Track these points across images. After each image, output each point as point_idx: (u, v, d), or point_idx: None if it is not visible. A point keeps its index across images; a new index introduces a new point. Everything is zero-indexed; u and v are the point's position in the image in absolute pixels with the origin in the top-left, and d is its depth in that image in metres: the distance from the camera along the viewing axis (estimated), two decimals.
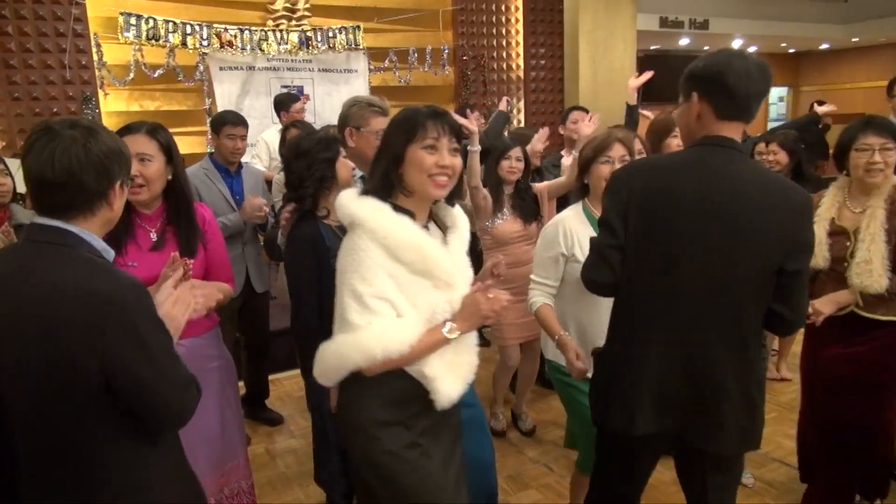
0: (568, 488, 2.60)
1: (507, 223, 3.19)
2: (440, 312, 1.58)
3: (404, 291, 1.54)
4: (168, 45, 5.41)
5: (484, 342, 4.66)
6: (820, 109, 4.73)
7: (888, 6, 10.68)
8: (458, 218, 1.73)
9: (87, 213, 1.33)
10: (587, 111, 4.10)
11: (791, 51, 13.86)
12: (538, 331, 2.80)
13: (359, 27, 6.18)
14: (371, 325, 1.50)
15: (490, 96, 6.98)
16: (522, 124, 7.15)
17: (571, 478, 2.55)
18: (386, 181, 1.59)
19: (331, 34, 6.08)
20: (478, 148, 3.02)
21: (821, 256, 2.37)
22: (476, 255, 2.78)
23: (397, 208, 1.59)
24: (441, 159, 1.56)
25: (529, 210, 3.21)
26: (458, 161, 1.59)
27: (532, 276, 2.35)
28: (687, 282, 1.65)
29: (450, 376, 1.60)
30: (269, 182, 3.82)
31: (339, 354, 1.54)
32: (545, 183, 3.40)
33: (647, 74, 3.84)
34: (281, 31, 5.90)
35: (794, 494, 2.84)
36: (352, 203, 1.57)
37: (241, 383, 3.38)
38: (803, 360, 2.64)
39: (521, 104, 7.32)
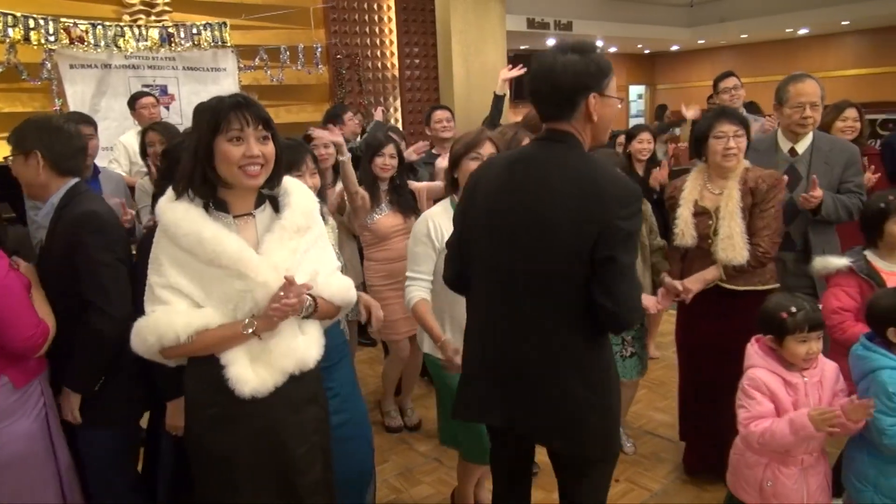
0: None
1: (387, 217, 3.21)
2: (243, 302, 1.58)
3: (199, 281, 1.57)
4: (7, 40, 4.91)
5: (370, 342, 4.69)
6: (689, 114, 5.23)
7: (727, 12, 11.76)
8: (291, 206, 1.69)
9: None
10: (450, 110, 4.19)
11: (646, 52, 14.91)
12: None
13: (225, 24, 5.92)
14: (152, 314, 1.57)
15: (366, 95, 6.95)
16: (400, 123, 7.18)
17: (458, 465, 2.60)
18: (197, 174, 1.57)
19: (195, 31, 5.78)
20: (347, 157, 3.03)
21: (688, 235, 2.65)
22: None
23: (215, 200, 1.60)
24: (248, 150, 1.55)
25: (407, 204, 3.25)
26: (268, 149, 1.59)
27: (407, 273, 2.37)
28: (495, 274, 1.71)
29: (252, 364, 1.60)
30: (132, 188, 3.59)
31: (130, 339, 1.60)
32: (425, 184, 3.44)
33: (520, 69, 4.04)
34: (139, 26, 5.54)
35: (664, 463, 3.06)
36: (160, 200, 1.62)
37: None
38: (678, 334, 2.91)
39: (398, 103, 7.35)
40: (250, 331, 1.57)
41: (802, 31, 12.10)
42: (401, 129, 6.41)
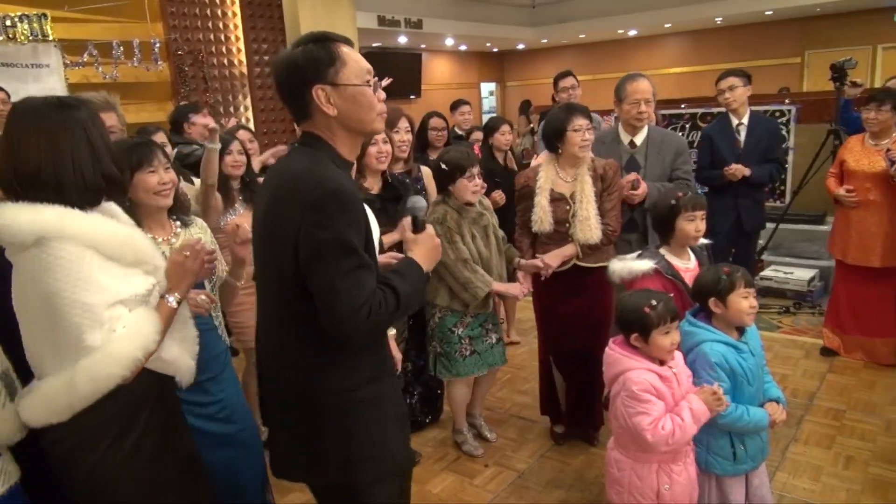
0: None
1: (242, 217, 3.07)
2: (152, 297, 1.59)
3: (124, 286, 1.50)
4: None
5: (233, 352, 4.49)
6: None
7: (567, 13, 12.49)
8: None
9: None
10: None
11: (495, 50, 15.46)
12: None
13: (45, 15, 5.38)
14: (119, 332, 1.42)
15: (213, 93, 6.62)
16: (252, 123, 6.92)
17: None
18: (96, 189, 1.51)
19: (9, 23, 5.20)
20: (217, 145, 2.89)
21: (546, 222, 2.83)
22: None
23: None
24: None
25: None
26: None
27: None
28: (259, 285, 1.63)
29: (183, 353, 1.67)
30: None
31: (93, 378, 1.38)
32: None
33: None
34: None
35: (529, 443, 3.22)
36: (32, 216, 1.38)
37: None
38: (538, 312, 3.13)
39: (248, 101, 7.07)
40: (173, 300, 1.59)
41: (632, 33, 13.12)
42: (252, 128, 6.19)
